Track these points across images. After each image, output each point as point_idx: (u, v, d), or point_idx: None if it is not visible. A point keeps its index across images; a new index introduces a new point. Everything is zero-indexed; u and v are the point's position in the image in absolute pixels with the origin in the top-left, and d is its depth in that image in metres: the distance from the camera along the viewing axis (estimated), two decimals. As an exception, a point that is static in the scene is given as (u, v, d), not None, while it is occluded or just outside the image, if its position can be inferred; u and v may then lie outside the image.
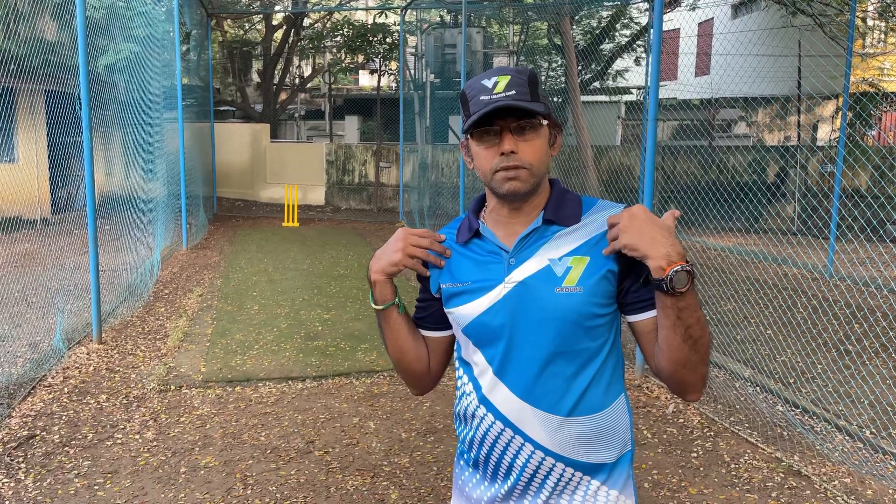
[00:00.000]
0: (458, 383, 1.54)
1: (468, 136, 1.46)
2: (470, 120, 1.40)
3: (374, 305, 1.53)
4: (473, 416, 1.48)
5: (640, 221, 1.33)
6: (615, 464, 1.45)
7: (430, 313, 1.58)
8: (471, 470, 1.52)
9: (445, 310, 1.52)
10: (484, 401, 1.45)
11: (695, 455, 3.91)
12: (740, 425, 4.27)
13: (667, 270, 1.29)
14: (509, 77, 1.40)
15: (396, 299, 1.52)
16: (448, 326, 1.57)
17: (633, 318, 1.44)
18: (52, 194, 9.76)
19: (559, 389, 1.40)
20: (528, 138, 1.40)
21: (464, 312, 1.46)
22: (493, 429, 1.44)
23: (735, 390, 4.79)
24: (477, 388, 1.47)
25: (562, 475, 1.42)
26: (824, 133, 16.45)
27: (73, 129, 6.33)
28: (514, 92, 1.38)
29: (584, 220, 1.45)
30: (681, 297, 1.30)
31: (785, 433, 4.13)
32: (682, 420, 4.37)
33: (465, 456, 1.53)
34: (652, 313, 1.40)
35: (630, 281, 1.41)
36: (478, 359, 1.46)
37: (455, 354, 1.55)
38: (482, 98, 1.39)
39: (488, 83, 1.40)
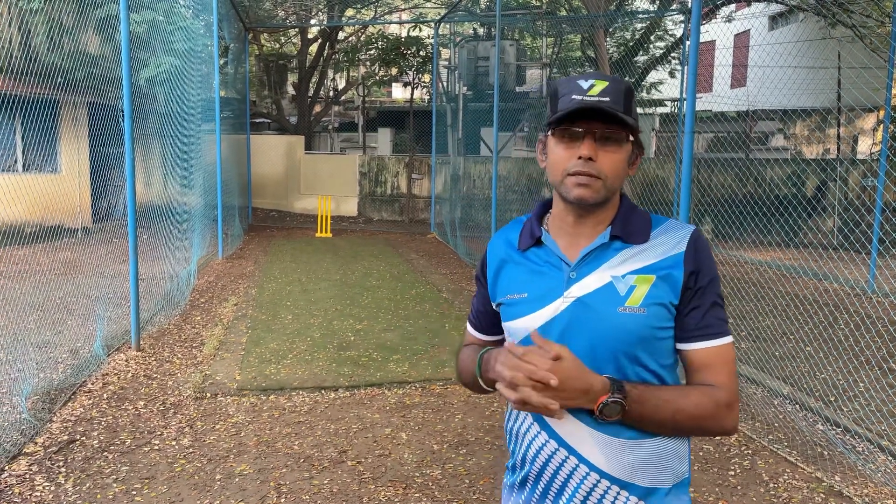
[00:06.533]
0: None
1: (548, 133, 1.39)
2: (556, 115, 1.34)
3: (478, 376, 1.46)
4: (527, 433, 1.42)
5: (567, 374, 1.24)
6: (672, 490, 1.38)
7: (488, 319, 1.57)
8: (518, 489, 1.47)
9: (502, 323, 1.48)
10: (538, 419, 1.39)
11: (732, 473, 3.83)
12: (779, 443, 4.18)
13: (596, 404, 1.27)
14: (607, 83, 1.34)
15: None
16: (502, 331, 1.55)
17: (679, 347, 1.38)
18: (93, 204, 9.98)
19: None
20: (609, 149, 1.34)
21: (520, 326, 1.41)
22: (546, 447, 1.38)
23: (774, 408, 4.69)
24: None
25: (616, 499, 1.35)
26: (865, 146, 16.12)
27: (115, 140, 6.48)
28: (608, 99, 1.32)
29: (651, 239, 1.38)
30: (626, 416, 1.28)
31: (825, 452, 4.03)
32: (718, 437, 4.30)
33: (515, 474, 1.48)
34: (695, 345, 1.35)
35: (683, 309, 1.35)
36: None
37: None
38: (574, 97, 1.33)
39: (584, 84, 1.34)
